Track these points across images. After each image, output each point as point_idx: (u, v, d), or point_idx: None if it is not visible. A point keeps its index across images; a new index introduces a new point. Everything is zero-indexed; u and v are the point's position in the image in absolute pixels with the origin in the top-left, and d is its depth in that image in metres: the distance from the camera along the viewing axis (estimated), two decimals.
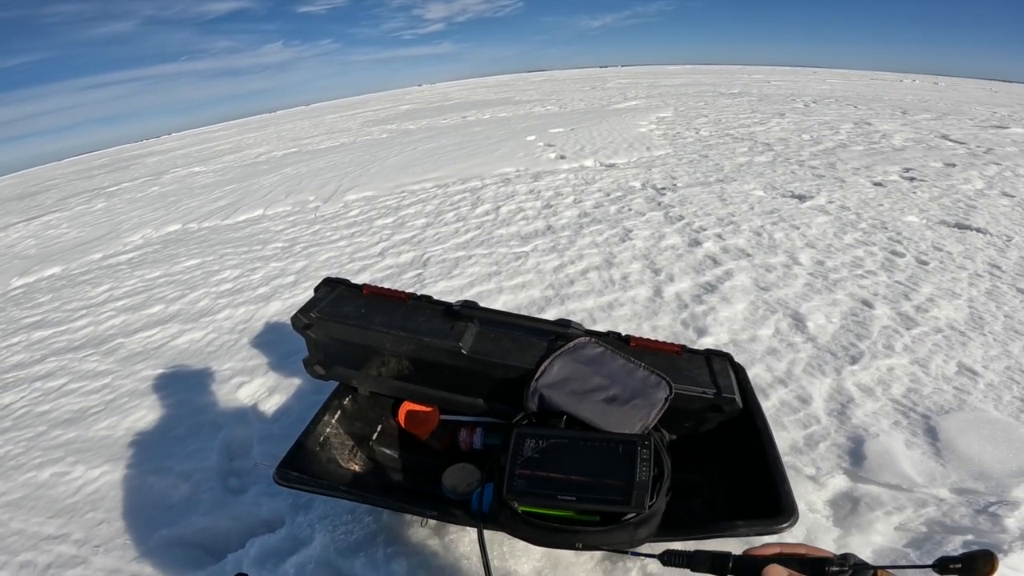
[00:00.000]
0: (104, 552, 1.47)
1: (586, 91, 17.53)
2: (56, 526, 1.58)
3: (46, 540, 1.53)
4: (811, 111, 9.26)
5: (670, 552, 0.65)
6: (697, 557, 0.61)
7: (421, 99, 23.95)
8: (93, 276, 4.17)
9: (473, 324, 1.38)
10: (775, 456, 1.16)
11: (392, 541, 1.34)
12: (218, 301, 3.13)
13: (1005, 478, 1.41)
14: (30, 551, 1.50)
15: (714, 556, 0.59)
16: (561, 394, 1.21)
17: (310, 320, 1.37)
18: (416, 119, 13.84)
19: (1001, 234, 3.06)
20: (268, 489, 1.60)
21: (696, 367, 1.34)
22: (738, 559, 0.57)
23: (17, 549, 1.51)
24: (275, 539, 1.42)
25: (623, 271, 2.88)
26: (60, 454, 1.91)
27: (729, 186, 4.40)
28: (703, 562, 0.61)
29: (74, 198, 9.57)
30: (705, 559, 0.60)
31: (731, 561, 0.58)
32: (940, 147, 5.71)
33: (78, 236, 5.91)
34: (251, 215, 5.39)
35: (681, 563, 0.64)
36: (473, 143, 7.93)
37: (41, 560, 1.47)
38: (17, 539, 1.55)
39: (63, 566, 1.44)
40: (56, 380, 2.48)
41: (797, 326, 2.20)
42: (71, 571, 1.42)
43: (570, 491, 0.99)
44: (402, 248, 3.66)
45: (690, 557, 0.62)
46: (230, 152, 12.85)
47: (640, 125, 8.23)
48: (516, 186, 5.03)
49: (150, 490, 1.69)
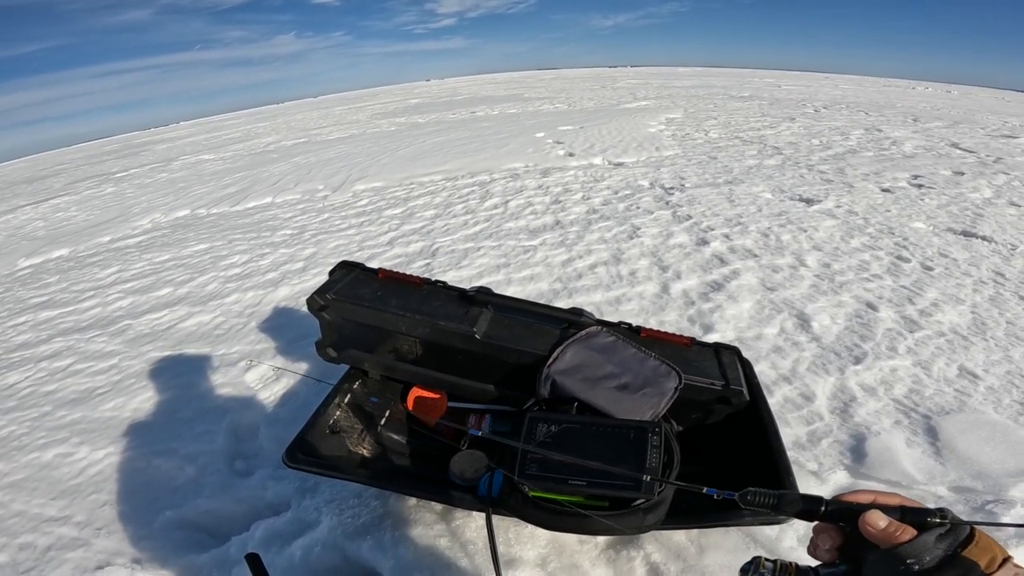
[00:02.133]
0: (106, 534, 1.47)
1: (596, 90, 17.49)
2: (58, 508, 1.58)
3: (47, 522, 1.53)
4: (822, 116, 9.23)
5: (753, 492, 0.58)
6: (786, 498, 0.56)
7: (430, 94, 23.92)
8: (101, 258, 4.19)
9: (487, 310, 1.39)
10: (780, 449, 1.18)
11: (399, 525, 1.36)
12: (227, 285, 3.16)
13: (1003, 477, 1.43)
14: (30, 533, 1.50)
15: (805, 499, 0.55)
16: (573, 380, 1.22)
17: (326, 301, 1.38)
18: (425, 113, 13.84)
19: (1007, 242, 3.06)
20: (274, 473, 1.61)
21: (705, 359, 1.35)
22: (833, 504, 0.53)
23: (17, 531, 1.51)
24: (281, 522, 1.43)
25: (631, 267, 2.89)
26: (64, 435, 1.91)
27: (738, 188, 4.40)
28: (792, 503, 0.55)
29: (83, 182, 9.60)
30: (795, 500, 0.55)
31: (824, 505, 0.53)
32: (950, 155, 5.70)
33: (87, 219, 5.94)
34: (260, 202, 5.41)
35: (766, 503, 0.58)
36: (482, 138, 7.94)
37: (41, 542, 1.47)
38: (18, 521, 1.55)
39: (63, 548, 1.44)
40: (62, 360, 2.50)
41: (802, 326, 2.21)
42: (71, 553, 1.42)
43: (581, 476, 1.00)
44: (411, 238, 3.68)
45: (778, 498, 0.57)
46: (240, 141, 12.87)
47: (649, 125, 8.23)
48: (525, 181, 5.04)
49: (155, 472, 1.69)
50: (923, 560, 0.44)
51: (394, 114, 14.66)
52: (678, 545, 1.27)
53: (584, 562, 1.26)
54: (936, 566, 0.43)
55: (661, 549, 1.26)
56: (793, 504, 0.55)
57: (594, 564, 1.25)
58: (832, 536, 0.52)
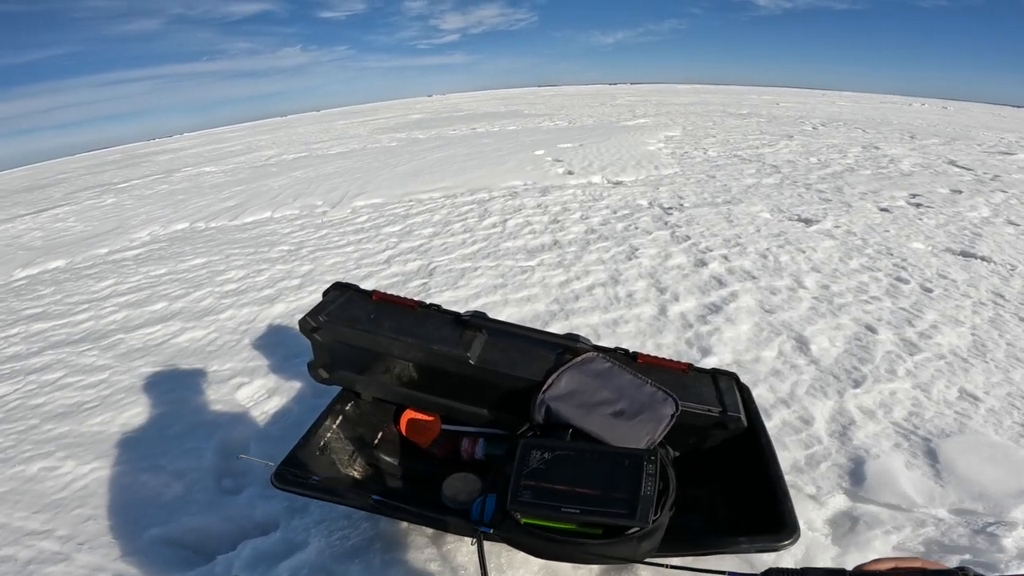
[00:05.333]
0: (88, 549, 1.44)
1: (595, 107, 17.69)
2: (40, 521, 1.55)
3: (29, 535, 1.51)
4: (819, 134, 9.33)
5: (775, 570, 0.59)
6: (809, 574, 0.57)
7: (431, 109, 24.17)
8: (98, 271, 4.18)
9: (482, 334, 1.38)
10: (778, 474, 1.16)
11: (389, 548, 1.33)
12: (222, 301, 3.14)
13: (1004, 499, 1.42)
14: (11, 546, 1.47)
15: (829, 573, 0.56)
16: (568, 407, 1.20)
17: (318, 323, 1.36)
18: (425, 128, 13.96)
19: (1006, 263, 3.07)
20: (263, 492, 1.58)
21: (702, 385, 1.34)
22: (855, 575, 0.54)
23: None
24: (269, 542, 1.40)
25: (629, 288, 2.88)
26: (51, 448, 1.89)
27: (736, 207, 4.42)
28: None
29: (83, 192, 9.64)
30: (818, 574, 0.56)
31: None
32: (947, 173, 5.75)
33: (85, 230, 5.94)
34: (259, 217, 5.42)
35: None
36: (482, 155, 7.98)
37: (22, 555, 1.44)
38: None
39: (44, 562, 1.41)
40: (52, 373, 2.47)
41: (801, 348, 2.20)
42: (52, 567, 1.39)
43: (575, 503, 0.98)
44: (409, 256, 3.67)
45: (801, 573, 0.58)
46: (241, 153, 12.96)
47: (648, 143, 8.29)
48: (524, 199, 5.05)
49: (142, 488, 1.67)
50: None
51: (395, 129, 14.79)
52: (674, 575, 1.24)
53: None
54: None
55: (657, 571, 1.23)
56: None
57: None
58: None
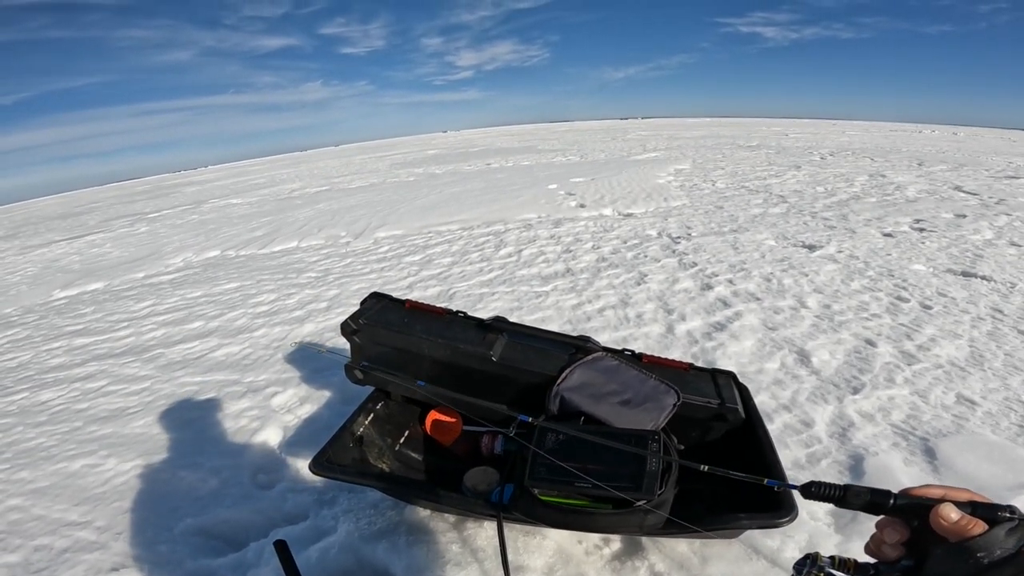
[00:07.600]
0: (125, 539, 1.54)
1: (607, 142, 18.10)
2: (79, 513, 1.66)
3: (67, 526, 1.61)
4: (827, 163, 9.47)
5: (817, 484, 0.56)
6: (852, 491, 0.54)
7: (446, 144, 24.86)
8: (136, 292, 4.43)
9: (503, 336, 1.54)
10: (775, 460, 1.26)
11: (413, 531, 1.45)
12: (255, 320, 3.33)
13: (1002, 491, 1.49)
14: (48, 536, 1.57)
15: (873, 492, 0.53)
16: (580, 396, 1.34)
17: (358, 326, 1.53)
18: (442, 164, 14.41)
19: (1006, 281, 3.14)
20: (295, 485, 1.71)
21: (702, 381, 1.47)
22: (902, 498, 0.52)
23: (35, 533, 1.58)
24: (298, 529, 1.52)
25: (638, 310, 3.01)
26: (94, 447, 2.02)
27: (742, 235, 4.55)
28: (858, 496, 0.54)
29: (117, 220, 10.10)
30: (862, 493, 0.54)
31: (893, 499, 0.52)
32: (953, 198, 5.83)
33: (121, 255, 6.26)
34: (286, 246, 5.68)
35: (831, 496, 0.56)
36: (497, 189, 8.26)
37: (58, 544, 1.53)
38: (37, 524, 1.62)
39: (80, 550, 1.50)
40: (96, 382, 2.65)
41: (802, 361, 2.30)
42: (88, 555, 1.48)
43: (586, 480, 1.10)
44: (429, 283, 3.85)
45: (843, 490, 0.55)
46: (265, 186, 13.47)
47: (659, 176, 8.50)
48: (538, 231, 5.25)
49: (180, 483, 1.78)
50: (993, 554, 0.44)
51: (412, 164, 15.28)
52: (681, 555, 1.34)
53: (590, 571, 1.32)
54: (1006, 559, 0.44)
55: (665, 559, 1.33)
56: (860, 497, 0.54)
57: (600, 573, 1.32)
58: (899, 530, 0.52)
